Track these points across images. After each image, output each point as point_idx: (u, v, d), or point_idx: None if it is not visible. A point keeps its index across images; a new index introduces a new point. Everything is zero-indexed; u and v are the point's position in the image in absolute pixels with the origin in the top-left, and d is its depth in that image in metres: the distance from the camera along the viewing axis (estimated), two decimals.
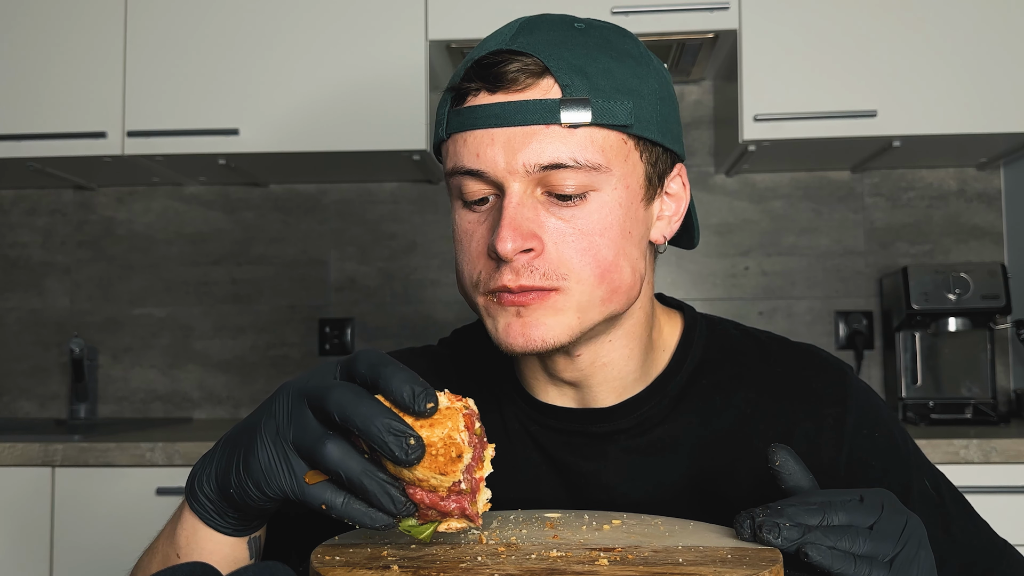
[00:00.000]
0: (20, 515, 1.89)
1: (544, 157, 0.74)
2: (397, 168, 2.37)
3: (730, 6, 2.09)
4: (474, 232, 0.78)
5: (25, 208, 2.61)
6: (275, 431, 0.63)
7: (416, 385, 0.59)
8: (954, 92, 2.07)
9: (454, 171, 0.78)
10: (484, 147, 0.75)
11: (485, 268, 0.77)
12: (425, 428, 0.59)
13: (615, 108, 0.75)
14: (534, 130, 0.74)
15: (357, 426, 0.58)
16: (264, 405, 0.65)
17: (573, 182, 0.75)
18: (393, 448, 0.57)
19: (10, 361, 2.60)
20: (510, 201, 0.75)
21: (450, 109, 0.78)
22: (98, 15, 2.20)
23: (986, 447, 1.76)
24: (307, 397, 0.62)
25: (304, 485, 0.62)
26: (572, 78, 0.74)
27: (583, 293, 0.76)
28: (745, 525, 0.64)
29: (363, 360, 0.62)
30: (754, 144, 2.12)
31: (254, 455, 0.63)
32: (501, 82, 0.75)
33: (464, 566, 0.58)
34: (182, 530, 0.71)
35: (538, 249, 0.75)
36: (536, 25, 0.77)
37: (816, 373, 0.89)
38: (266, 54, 2.17)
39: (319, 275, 2.55)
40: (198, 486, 0.69)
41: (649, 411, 0.87)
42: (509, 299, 0.76)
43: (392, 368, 0.60)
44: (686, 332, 0.90)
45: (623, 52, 0.78)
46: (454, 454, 0.59)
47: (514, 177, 0.75)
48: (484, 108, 0.75)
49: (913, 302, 2.14)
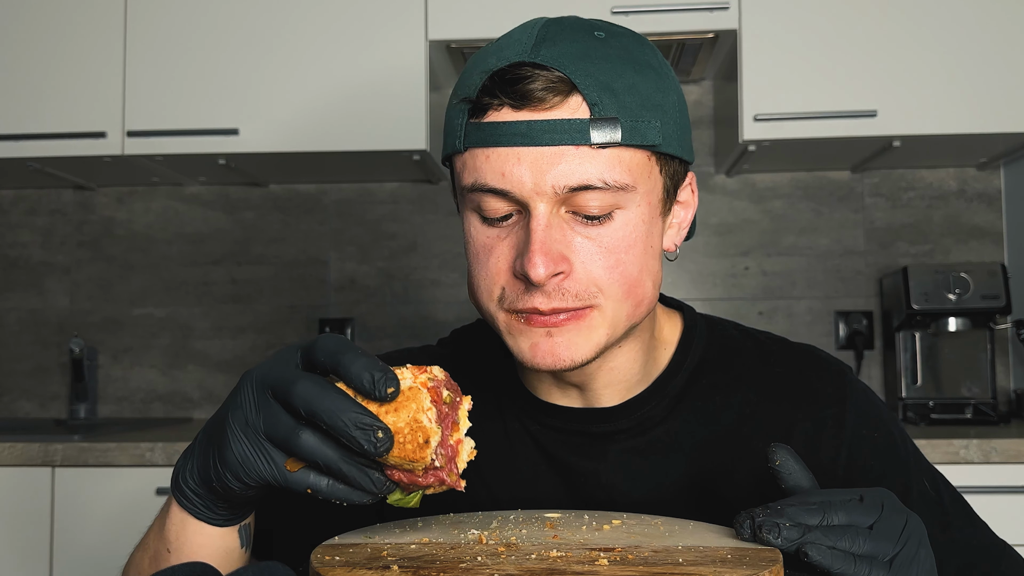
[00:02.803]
0: (20, 515, 1.89)
1: (573, 179, 0.72)
2: (397, 168, 2.37)
3: (730, 6, 2.09)
4: (494, 247, 0.76)
5: (25, 208, 2.61)
6: (244, 422, 0.63)
7: (376, 371, 0.59)
8: (954, 92, 2.07)
9: (474, 187, 0.75)
10: (510, 166, 0.73)
11: (510, 286, 0.76)
12: (391, 413, 0.60)
13: (644, 127, 0.73)
14: (562, 150, 0.72)
15: (324, 421, 0.59)
16: (230, 397, 0.66)
17: (599, 203, 0.73)
18: (362, 442, 0.58)
19: (10, 361, 2.60)
20: (538, 223, 0.73)
21: (468, 121, 0.75)
22: (98, 15, 2.20)
23: (986, 447, 1.76)
24: (271, 390, 0.62)
25: (286, 473, 0.62)
26: (600, 95, 0.72)
27: (614, 309, 0.76)
28: (745, 525, 0.64)
29: (322, 347, 0.62)
30: (754, 144, 2.12)
31: (228, 448, 0.63)
32: (527, 100, 0.72)
33: (464, 566, 0.58)
34: (171, 525, 0.72)
35: (567, 270, 0.74)
36: (557, 34, 0.74)
37: (816, 373, 0.89)
38: (266, 54, 2.17)
39: (319, 275, 2.54)
40: (183, 481, 0.70)
41: (649, 411, 0.87)
42: (539, 320, 0.75)
43: (351, 354, 0.60)
44: (686, 332, 0.91)
45: (644, 64, 0.76)
46: (421, 440, 0.59)
47: (541, 198, 0.73)
48: (510, 126, 0.72)
49: (913, 302, 2.14)
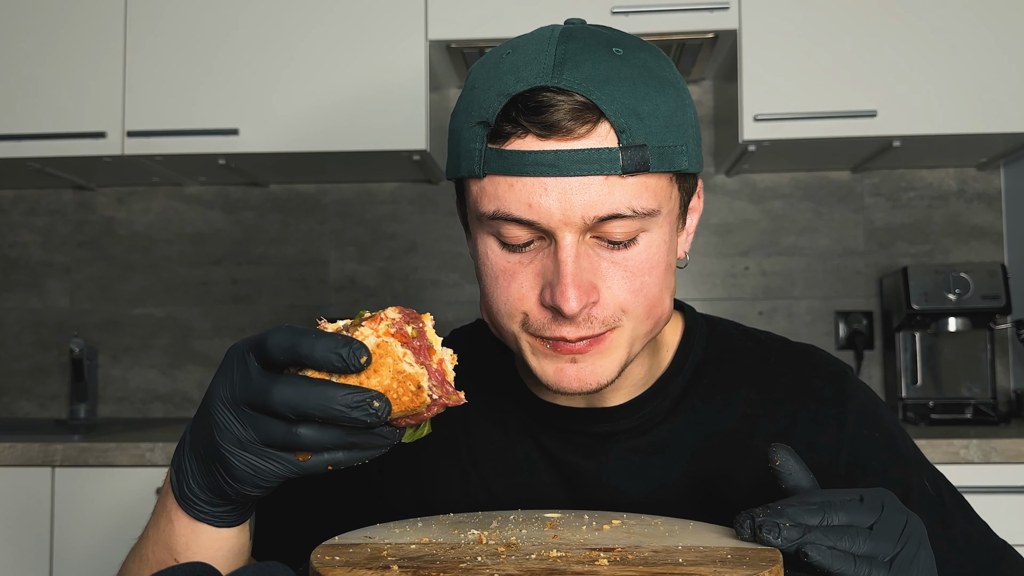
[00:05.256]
0: (20, 515, 1.89)
1: (603, 209, 0.71)
2: (397, 168, 2.37)
3: (730, 6, 2.09)
4: (516, 273, 0.75)
5: (25, 208, 2.61)
6: (238, 441, 0.62)
7: (340, 347, 0.58)
8: (954, 92, 2.07)
9: (496, 216, 0.73)
10: (536, 197, 0.71)
11: (535, 313, 0.75)
12: (372, 376, 0.59)
13: (671, 153, 0.73)
14: (591, 180, 0.71)
15: (317, 417, 0.59)
16: (203, 421, 0.64)
17: (624, 229, 0.73)
18: (363, 419, 0.58)
19: (10, 361, 2.60)
20: (567, 254, 0.72)
21: (488, 147, 0.73)
22: (98, 15, 2.20)
23: (986, 447, 1.76)
24: (247, 405, 0.61)
25: (301, 464, 0.62)
26: (628, 121, 0.71)
27: (635, 329, 0.77)
28: (745, 525, 0.64)
29: (275, 345, 0.60)
30: (754, 144, 2.12)
31: (234, 467, 0.63)
32: (554, 130, 0.70)
33: (464, 566, 0.58)
34: (179, 536, 0.71)
35: (597, 299, 0.74)
36: (577, 53, 0.72)
37: (816, 373, 0.89)
38: (266, 54, 2.17)
39: (319, 275, 2.54)
40: (190, 493, 0.69)
41: (651, 411, 0.87)
42: (567, 348, 0.75)
43: (308, 341, 0.59)
44: (687, 333, 0.91)
45: (664, 81, 0.74)
46: (413, 388, 0.59)
47: (569, 228, 0.72)
48: (536, 155, 0.71)
49: (913, 302, 2.14)
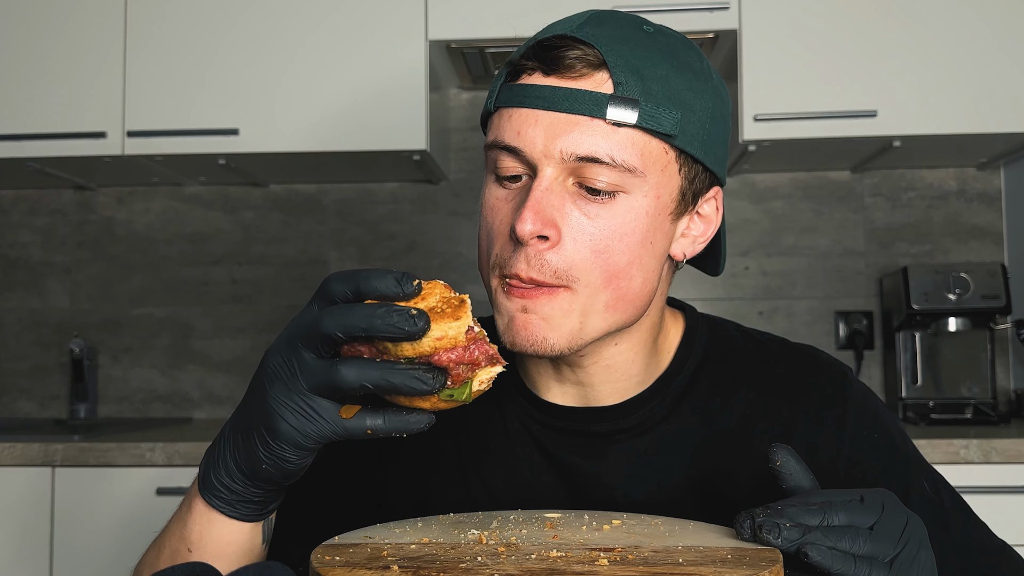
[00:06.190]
0: (20, 515, 1.89)
1: (582, 148, 0.74)
2: (397, 168, 2.37)
3: (730, 6, 2.09)
4: (500, 209, 0.79)
5: (25, 208, 2.61)
6: (285, 388, 0.64)
7: (393, 273, 0.62)
8: (954, 92, 2.07)
9: (493, 144, 0.79)
10: (526, 126, 0.76)
11: (504, 249, 0.78)
12: (420, 303, 0.62)
13: (662, 115, 0.75)
14: (578, 120, 0.74)
15: (362, 328, 0.60)
16: (255, 381, 0.67)
17: (606, 179, 0.75)
18: (403, 325, 0.59)
19: (10, 361, 2.60)
20: (539, 184, 0.75)
21: (503, 83, 0.79)
22: (98, 15, 2.20)
23: (986, 447, 1.76)
24: (300, 341, 0.63)
25: (343, 421, 0.64)
26: (626, 76, 0.74)
27: (589, 296, 0.77)
28: (745, 525, 0.64)
29: (334, 282, 0.64)
30: (754, 144, 2.12)
31: (278, 420, 0.64)
32: (557, 66, 0.75)
33: (464, 566, 0.58)
34: (194, 525, 0.72)
35: (554, 239, 0.75)
36: (605, 19, 0.78)
37: (816, 374, 0.89)
38: (266, 54, 2.17)
39: (319, 275, 2.54)
40: (216, 480, 0.69)
41: (650, 411, 0.87)
42: (518, 291, 0.76)
43: (364, 273, 0.63)
44: (687, 333, 0.91)
45: (685, 64, 0.78)
46: (456, 302, 0.62)
47: (549, 161, 0.75)
48: (534, 88, 0.76)
49: (913, 302, 2.14)
